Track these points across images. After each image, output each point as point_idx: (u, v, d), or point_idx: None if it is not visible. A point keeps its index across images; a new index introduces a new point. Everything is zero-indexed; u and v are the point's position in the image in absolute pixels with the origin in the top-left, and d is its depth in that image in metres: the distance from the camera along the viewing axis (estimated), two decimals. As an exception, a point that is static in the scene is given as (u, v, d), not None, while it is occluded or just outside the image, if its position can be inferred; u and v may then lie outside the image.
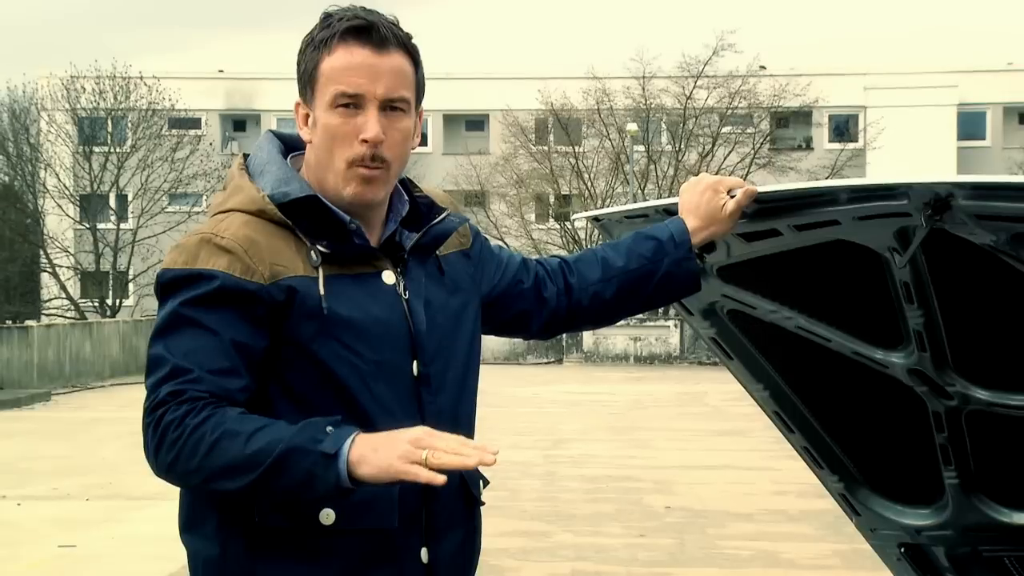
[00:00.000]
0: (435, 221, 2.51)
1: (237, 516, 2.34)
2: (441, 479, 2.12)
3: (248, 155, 2.53)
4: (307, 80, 2.42)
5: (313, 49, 2.41)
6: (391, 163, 2.41)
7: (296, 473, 2.18)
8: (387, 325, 2.39)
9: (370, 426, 2.29)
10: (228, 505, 2.34)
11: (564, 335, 34.07)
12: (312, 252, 2.36)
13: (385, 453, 2.16)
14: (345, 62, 2.37)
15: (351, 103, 2.37)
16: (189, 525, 2.43)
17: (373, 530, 2.35)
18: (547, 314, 2.78)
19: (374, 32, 2.38)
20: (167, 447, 2.23)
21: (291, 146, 2.53)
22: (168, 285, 2.35)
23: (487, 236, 2.79)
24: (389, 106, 2.39)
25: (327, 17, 2.42)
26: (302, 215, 2.38)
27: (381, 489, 2.27)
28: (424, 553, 2.42)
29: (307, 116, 2.44)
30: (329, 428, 2.20)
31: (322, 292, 2.34)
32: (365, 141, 2.37)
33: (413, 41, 2.44)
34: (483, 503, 2.57)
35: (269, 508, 2.31)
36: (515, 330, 2.82)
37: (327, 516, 2.32)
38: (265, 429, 2.22)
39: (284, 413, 2.31)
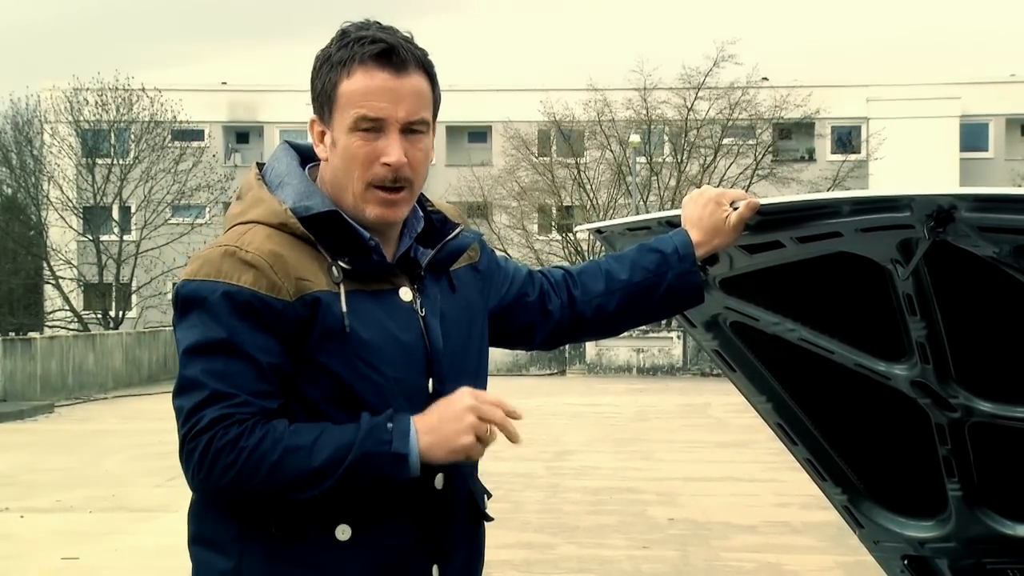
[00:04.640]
0: (450, 237, 2.51)
1: (255, 529, 2.34)
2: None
3: (262, 165, 2.52)
4: (324, 100, 2.40)
5: (330, 68, 2.38)
6: (413, 183, 2.41)
7: (369, 475, 2.27)
8: (405, 343, 2.39)
9: None
10: (248, 518, 2.34)
11: (567, 346, 33.70)
12: (333, 268, 2.36)
13: (452, 430, 2.29)
14: (365, 85, 2.35)
15: (372, 127, 2.36)
16: (202, 537, 2.41)
17: (388, 547, 2.36)
18: (551, 326, 2.77)
19: (394, 55, 2.36)
20: (221, 471, 2.26)
21: (307, 157, 2.52)
22: (190, 298, 2.33)
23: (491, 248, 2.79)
24: (409, 129, 2.38)
25: (344, 35, 2.39)
26: (324, 230, 2.37)
27: (398, 506, 2.33)
28: (436, 571, 2.43)
29: (323, 134, 2.43)
30: (390, 425, 2.27)
31: (344, 309, 2.33)
32: (387, 165, 2.36)
33: (429, 58, 2.43)
34: (491, 519, 2.56)
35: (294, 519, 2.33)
36: (518, 342, 2.82)
37: (343, 531, 2.33)
38: (324, 437, 2.26)
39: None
